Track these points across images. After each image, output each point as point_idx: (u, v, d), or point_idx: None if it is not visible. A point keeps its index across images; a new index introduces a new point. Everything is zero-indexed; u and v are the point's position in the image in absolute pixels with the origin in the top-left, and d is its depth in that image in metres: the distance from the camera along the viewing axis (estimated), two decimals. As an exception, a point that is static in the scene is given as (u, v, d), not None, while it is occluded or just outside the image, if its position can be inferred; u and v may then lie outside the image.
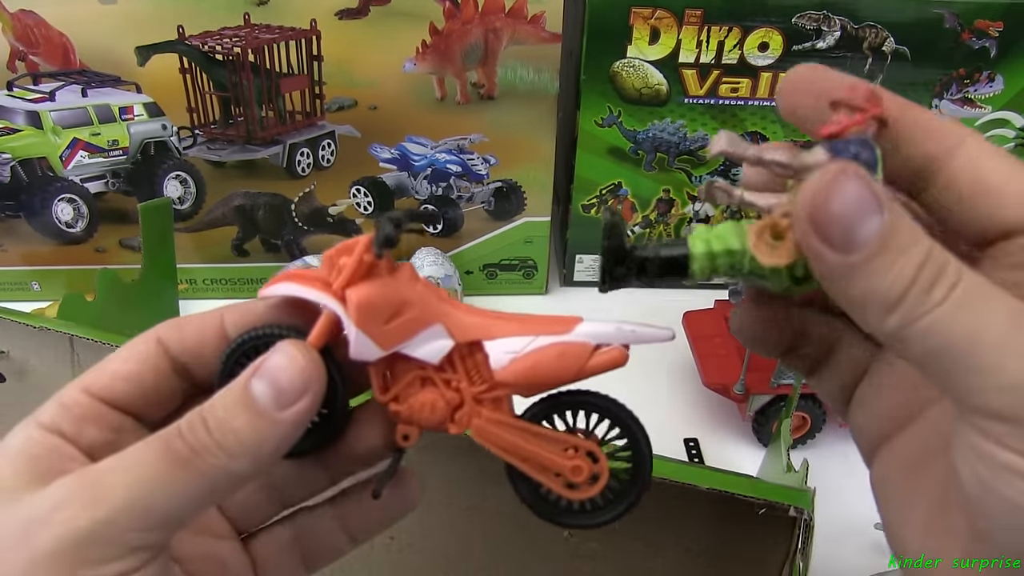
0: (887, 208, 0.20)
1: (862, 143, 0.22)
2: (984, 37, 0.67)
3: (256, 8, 0.67)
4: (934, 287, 0.19)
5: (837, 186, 0.20)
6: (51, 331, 0.45)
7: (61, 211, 0.74)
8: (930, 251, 0.19)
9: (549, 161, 0.75)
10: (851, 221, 0.20)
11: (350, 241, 0.24)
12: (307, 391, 0.23)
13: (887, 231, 0.19)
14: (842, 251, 0.20)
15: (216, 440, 0.22)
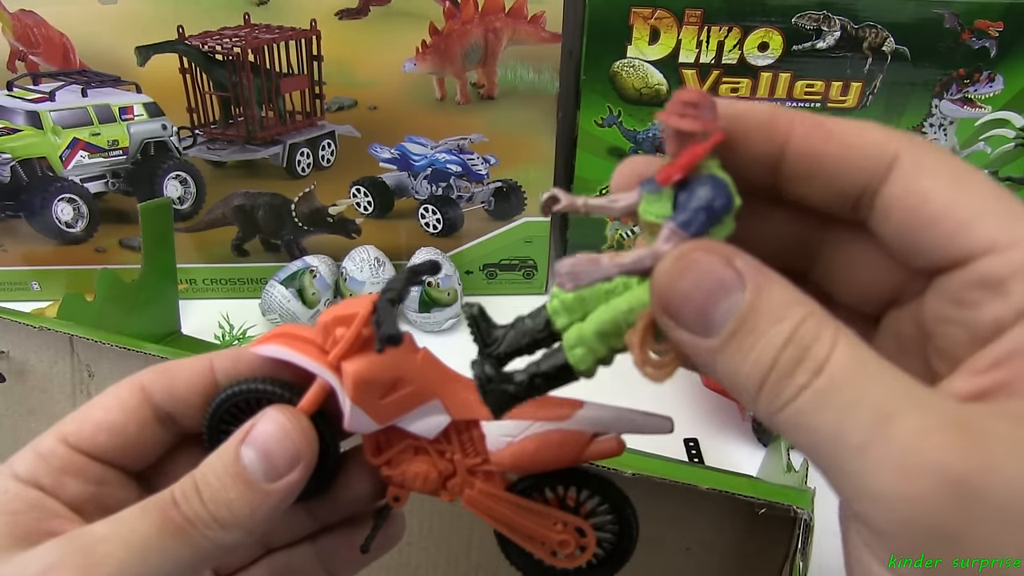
0: (749, 282, 0.18)
1: (712, 187, 0.20)
2: (984, 37, 0.67)
3: (256, 8, 0.67)
4: (795, 372, 0.17)
5: (683, 271, 0.18)
6: (51, 331, 0.45)
7: (61, 211, 0.74)
8: (795, 329, 0.17)
9: (549, 161, 0.75)
10: (704, 304, 0.18)
11: (348, 310, 0.23)
12: (298, 462, 0.22)
13: (745, 311, 0.18)
14: (700, 335, 0.18)
15: (211, 512, 0.22)
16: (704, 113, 0.20)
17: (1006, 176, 0.74)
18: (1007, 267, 0.18)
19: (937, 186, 0.19)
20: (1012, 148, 0.72)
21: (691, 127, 0.19)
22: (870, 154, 0.19)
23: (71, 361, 0.46)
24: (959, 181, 0.19)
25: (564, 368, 0.22)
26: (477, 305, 0.23)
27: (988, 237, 0.18)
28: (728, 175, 0.20)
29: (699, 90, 0.20)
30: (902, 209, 0.19)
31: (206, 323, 0.73)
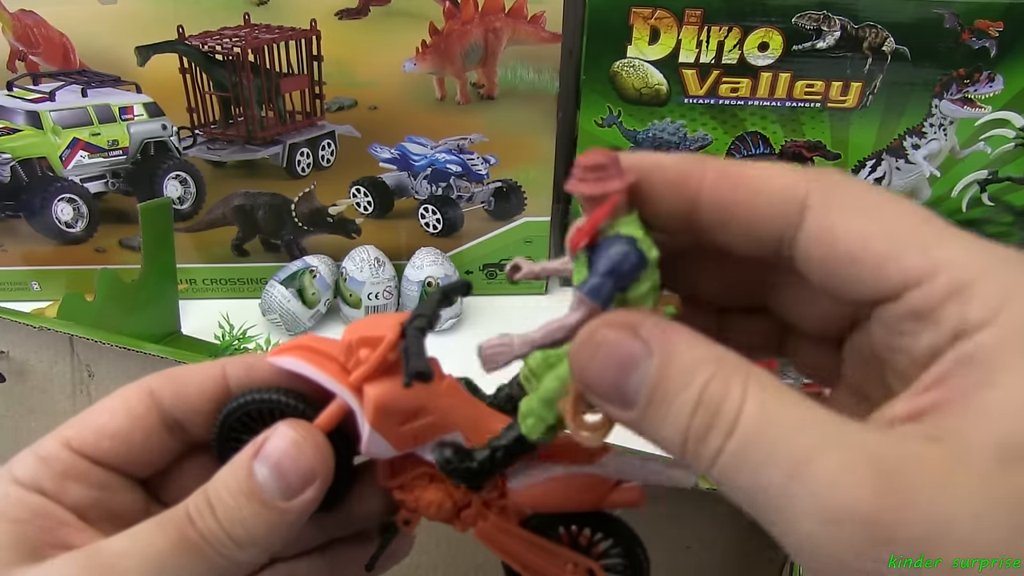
0: (655, 350, 0.18)
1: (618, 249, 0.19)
2: (984, 37, 0.67)
3: (256, 8, 0.67)
4: (708, 437, 0.17)
5: (593, 350, 0.19)
6: (51, 331, 0.45)
7: (61, 211, 0.74)
8: (703, 392, 0.17)
9: (549, 161, 0.75)
10: (617, 381, 0.18)
11: (375, 331, 0.22)
12: (313, 480, 0.22)
13: (655, 380, 0.18)
14: (620, 407, 0.19)
15: (226, 531, 0.21)
16: (608, 174, 0.19)
17: (1006, 176, 0.74)
18: (932, 298, 0.17)
19: (850, 225, 0.18)
20: (1012, 148, 0.72)
21: (591, 191, 0.19)
22: (779, 199, 0.19)
23: (71, 361, 0.46)
24: (871, 216, 0.18)
25: (520, 439, 0.22)
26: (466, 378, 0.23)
27: (908, 270, 0.18)
28: (642, 229, 0.20)
29: (602, 151, 0.20)
30: (820, 252, 0.19)
31: (206, 323, 0.73)
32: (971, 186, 0.74)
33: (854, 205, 0.19)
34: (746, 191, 0.19)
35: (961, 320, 0.17)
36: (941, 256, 0.17)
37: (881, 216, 0.18)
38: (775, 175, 0.19)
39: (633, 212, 0.20)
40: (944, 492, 0.16)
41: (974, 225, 0.76)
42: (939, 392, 0.17)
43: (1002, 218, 0.76)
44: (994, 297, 0.17)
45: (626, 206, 0.20)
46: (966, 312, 0.17)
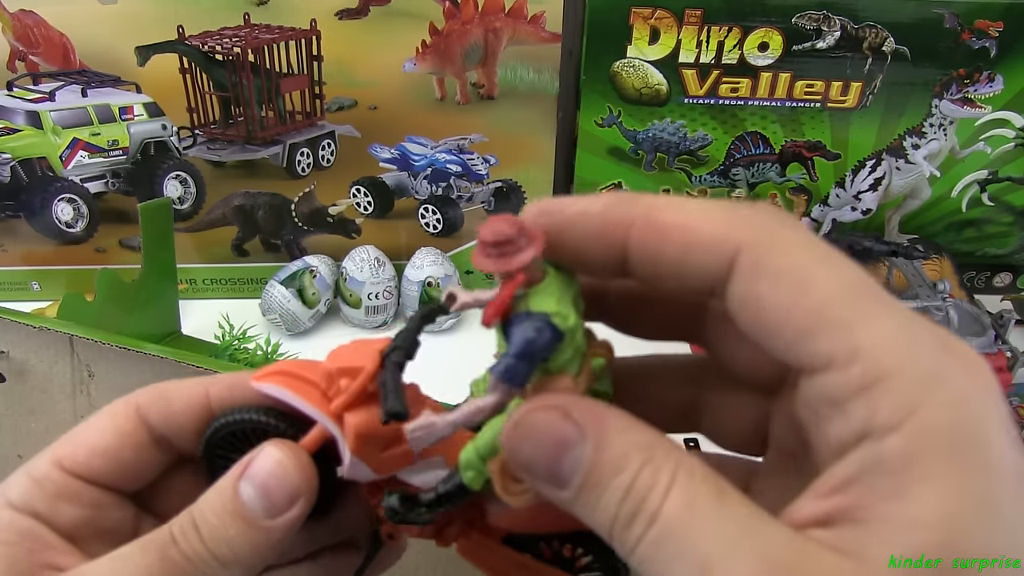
0: (589, 435, 0.18)
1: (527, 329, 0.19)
2: (984, 37, 0.67)
3: (256, 8, 0.67)
4: (633, 524, 0.17)
5: (525, 433, 0.19)
6: (51, 331, 0.45)
7: (61, 211, 0.74)
8: (633, 480, 0.17)
9: (549, 161, 0.75)
10: (548, 464, 0.18)
11: (354, 362, 0.22)
12: (298, 498, 0.22)
13: (589, 465, 0.18)
14: (553, 487, 0.19)
15: (210, 550, 0.21)
16: (514, 247, 0.19)
17: (1006, 176, 0.74)
18: (845, 387, 0.17)
19: (775, 291, 0.17)
20: (1012, 148, 0.72)
21: (496, 269, 0.19)
22: (708, 256, 0.18)
23: (71, 361, 0.46)
24: (799, 283, 0.17)
25: (462, 487, 0.22)
26: None
27: (826, 351, 0.17)
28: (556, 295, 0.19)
29: (506, 220, 0.19)
30: (744, 317, 0.18)
31: (206, 323, 0.73)
32: (971, 186, 0.74)
33: (784, 268, 0.17)
34: (674, 245, 0.19)
35: (869, 419, 0.16)
36: (863, 340, 0.17)
37: (810, 283, 0.17)
38: (705, 226, 0.18)
39: (548, 275, 0.20)
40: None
41: (974, 225, 0.76)
42: (847, 498, 0.16)
43: (1002, 218, 0.76)
44: (908, 397, 0.16)
45: (540, 271, 0.20)
46: (875, 412, 0.16)
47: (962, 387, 0.16)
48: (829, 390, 0.17)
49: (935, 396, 0.16)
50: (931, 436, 0.16)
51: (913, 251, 0.63)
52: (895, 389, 0.16)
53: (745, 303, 0.18)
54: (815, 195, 0.76)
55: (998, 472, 0.16)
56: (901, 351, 0.16)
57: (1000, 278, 0.80)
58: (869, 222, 0.76)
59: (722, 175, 0.75)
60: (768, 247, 0.18)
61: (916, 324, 0.17)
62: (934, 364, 0.16)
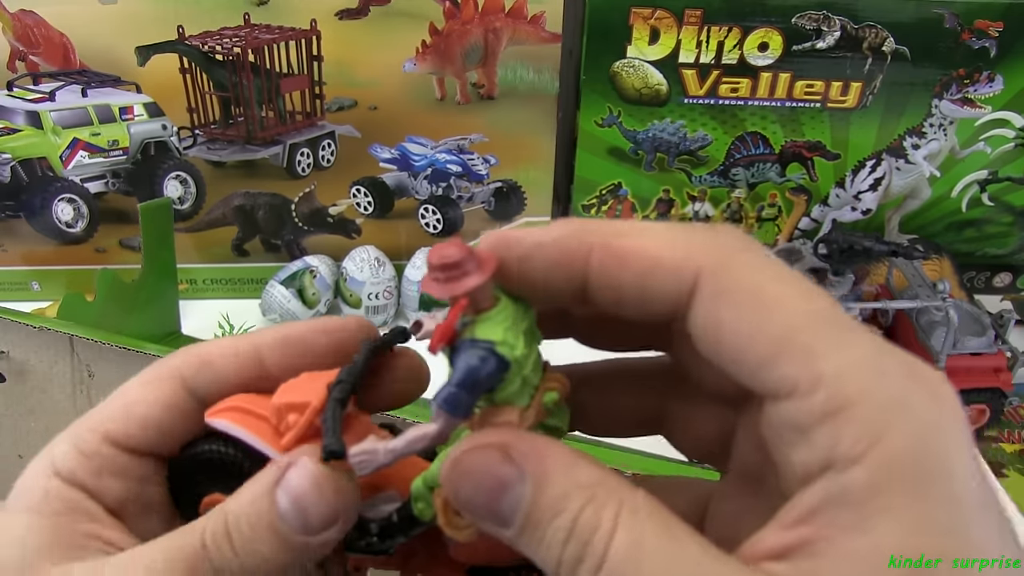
0: (528, 475, 0.18)
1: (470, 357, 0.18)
2: (984, 37, 0.67)
3: (256, 8, 0.67)
4: (579, 568, 0.17)
5: (462, 473, 0.18)
6: (51, 331, 0.45)
7: (61, 211, 0.74)
8: (575, 521, 0.17)
9: (549, 161, 0.75)
10: (487, 504, 0.18)
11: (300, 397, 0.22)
12: (337, 519, 0.20)
13: (528, 507, 0.17)
14: (494, 526, 0.18)
15: (241, 563, 0.20)
16: (462, 271, 0.18)
17: (1006, 176, 0.74)
18: (808, 415, 0.16)
19: (737, 317, 0.17)
20: (1012, 148, 0.72)
21: (442, 295, 0.18)
22: (668, 280, 0.18)
23: (71, 361, 0.46)
24: (763, 307, 0.17)
25: (413, 518, 0.21)
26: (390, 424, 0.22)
27: (789, 378, 0.17)
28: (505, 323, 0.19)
29: (453, 245, 0.18)
30: (705, 344, 0.18)
31: (206, 323, 0.73)
32: (971, 186, 0.74)
33: (745, 293, 0.17)
34: (633, 271, 0.18)
35: (832, 449, 0.16)
36: (826, 368, 0.16)
37: (773, 309, 0.17)
38: (664, 250, 0.18)
39: (500, 300, 0.19)
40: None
41: (974, 225, 0.76)
42: (807, 529, 0.16)
43: (1002, 218, 0.76)
44: (871, 426, 0.16)
45: (491, 299, 0.19)
46: (839, 441, 0.16)
47: (927, 415, 0.16)
48: (793, 416, 0.17)
49: (899, 425, 0.16)
50: (894, 467, 0.16)
51: (913, 251, 0.63)
52: (858, 418, 0.16)
53: (706, 329, 0.18)
54: (815, 195, 0.76)
55: (961, 503, 0.16)
56: (865, 378, 0.16)
57: (1000, 278, 0.80)
58: (869, 222, 0.76)
59: (722, 175, 0.75)
60: (728, 271, 0.18)
61: (881, 351, 0.17)
62: (898, 391, 0.16)
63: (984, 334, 0.63)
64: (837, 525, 0.16)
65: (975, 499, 0.16)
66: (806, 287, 0.17)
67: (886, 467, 0.16)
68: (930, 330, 0.63)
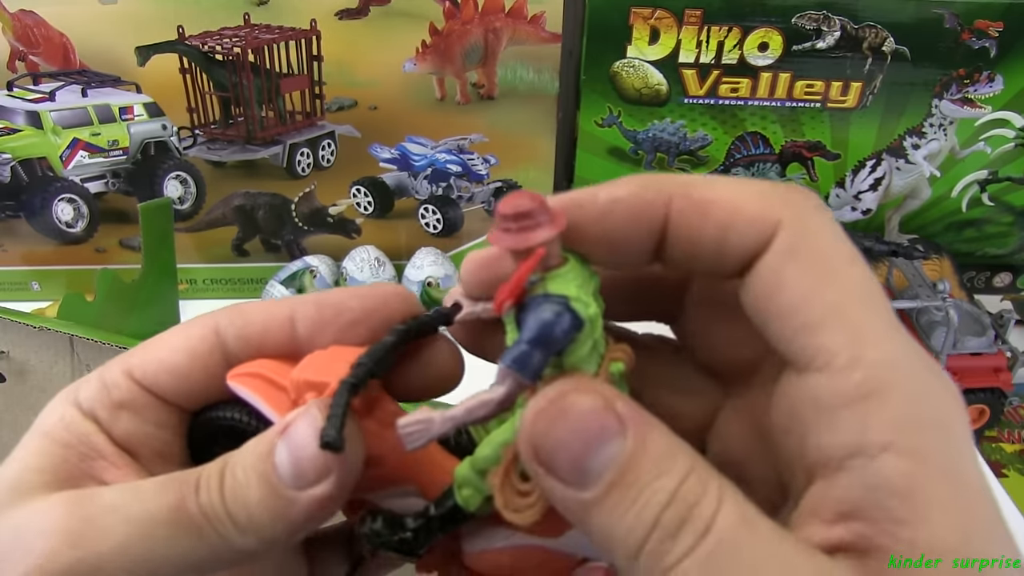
0: (631, 429, 0.16)
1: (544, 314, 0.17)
2: (984, 37, 0.67)
3: (256, 8, 0.67)
4: (680, 533, 0.15)
5: (558, 416, 0.17)
6: (51, 331, 0.45)
7: (61, 211, 0.74)
8: (680, 484, 0.16)
9: (549, 161, 0.75)
10: (581, 453, 0.16)
11: (321, 376, 0.20)
12: (328, 474, 0.19)
13: (626, 462, 0.16)
14: (574, 486, 0.16)
15: (227, 509, 0.19)
16: (534, 221, 0.17)
17: (1006, 176, 0.74)
18: (840, 393, 0.16)
19: (799, 276, 0.17)
20: (1012, 148, 0.72)
21: (514, 245, 0.17)
22: (749, 231, 0.18)
23: (71, 361, 0.46)
24: (826, 275, 0.17)
25: (457, 509, 0.20)
26: None
27: (828, 349, 0.16)
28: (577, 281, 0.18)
29: (526, 194, 0.17)
30: (761, 290, 0.17)
31: (206, 323, 0.73)
32: (971, 186, 0.74)
33: (816, 255, 0.17)
34: (715, 222, 0.18)
35: (861, 434, 0.16)
36: (869, 350, 0.16)
37: (836, 278, 0.17)
38: (746, 202, 0.18)
39: (569, 260, 0.18)
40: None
41: (974, 225, 0.76)
42: (859, 524, 0.16)
43: (1002, 218, 0.76)
44: (902, 415, 0.16)
45: (559, 256, 0.18)
46: (868, 426, 0.16)
47: (948, 410, 0.16)
48: (821, 393, 0.16)
49: (926, 418, 0.16)
50: (927, 458, 0.16)
51: (913, 251, 0.63)
52: (890, 405, 0.16)
53: (768, 283, 0.17)
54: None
55: (982, 493, 0.16)
56: (902, 370, 0.16)
57: (1000, 278, 0.80)
58: (869, 222, 0.76)
59: (722, 175, 0.75)
60: (805, 229, 0.17)
61: (916, 349, 0.17)
62: (925, 386, 0.16)
63: (984, 334, 0.63)
64: (891, 519, 0.15)
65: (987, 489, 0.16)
66: (865, 267, 0.17)
67: (919, 458, 0.16)
68: (930, 330, 0.63)
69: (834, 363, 0.16)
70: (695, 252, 0.18)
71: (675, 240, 0.18)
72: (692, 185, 0.18)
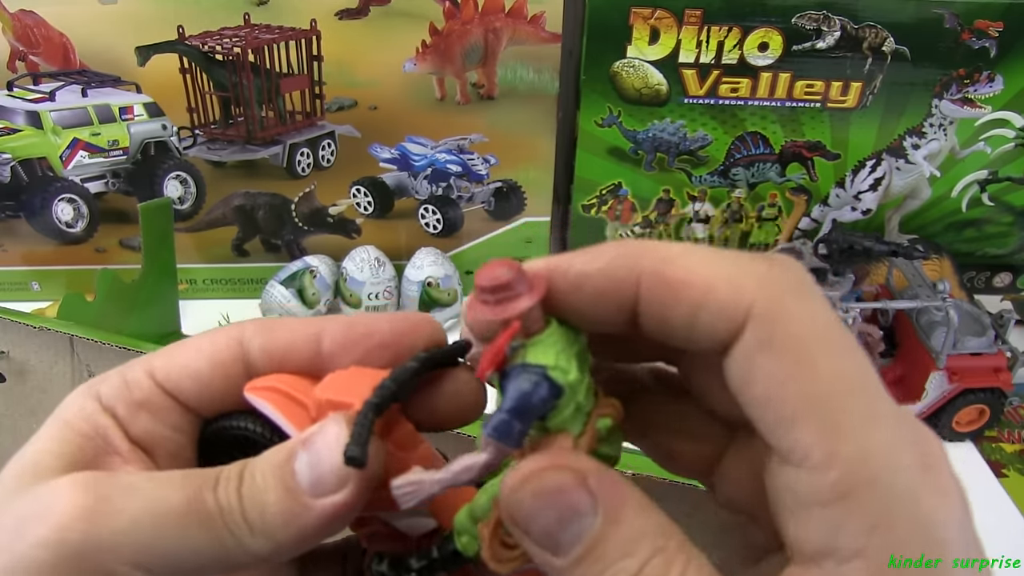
0: (601, 507, 0.17)
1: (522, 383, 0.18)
2: (984, 37, 0.67)
3: (256, 8, 0.67)
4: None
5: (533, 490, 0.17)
6: (51, 331, 0.45)
7: (61, 211, 0.74)
8: (643, 565, 0.17)
9: (549, 161, 0.75)
10: (553, 524, 0.17)
11: (345, 397, 0.20)
12: (346, 483, 0.19)
13: (594, 539, 0.17)
14: (550, 553, 0.17)
15: (243, 508, 0.19)
16: (513, 292, 0.18)
17: (1006, 176, 0.74)
18: (816, 491, 0.16)
19: (772, 368, 0.17)
20: (1012, 148, 0.72)
21: (492, 318, 0.18)
22: (719, 318, 0.17)
23: (71, 361, 0.46)
24: (800, 365, 0.16)
25: (456, 554, 0.20)
26: None
27: (803, 446, 0.16)
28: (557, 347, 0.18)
29: (503, 264, 0.18)
30: (737, 378, 0.17)
31: (206, 323, 0.73)
32: (971, 186, 0.74)
33: (788, 343, 0.17)
34: (685, 308, 0.18)
35: (834, 536, 0.16)
36: (845, 447, 0.16)
37: (811, 370, 0.17)
38: (718, 283, 0.17)
39: (550, 325, 0.19)
40: None
41: (974, 225, 0.76)
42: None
43: (1002, 218, 0.76)
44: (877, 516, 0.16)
45: (541, 321, 0.18)
46: (843, 528, 0.16)
47: (934, 513, 0.16)
48: (799, 488, 0.17)
49: (905, 522, 0.16)
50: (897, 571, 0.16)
51: (913, 251, 0.63)
52: (864, 507, 0.16)
53: (741, 370, 0.17)
54: (815, 195, 0.76)
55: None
56: (881, 467, 0.16)
57: (1000, 278, 0.80)
58: (869, 222, 0.76)
59: (722, 175, 0.75)
60: (778, 316, 0.17)
61: (902, 434, 0.17)
62: (910, 485, 0.16)
63: (984, 334, 0.63)
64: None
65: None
66: (850, 351, 0.17)
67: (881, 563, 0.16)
68: (930, 330, 0.63)
69: (809, 460, 0.16)
70: (667, 331, 0.18)
71: (646, 318, 0.18)
72: (665, 262, 0.18)
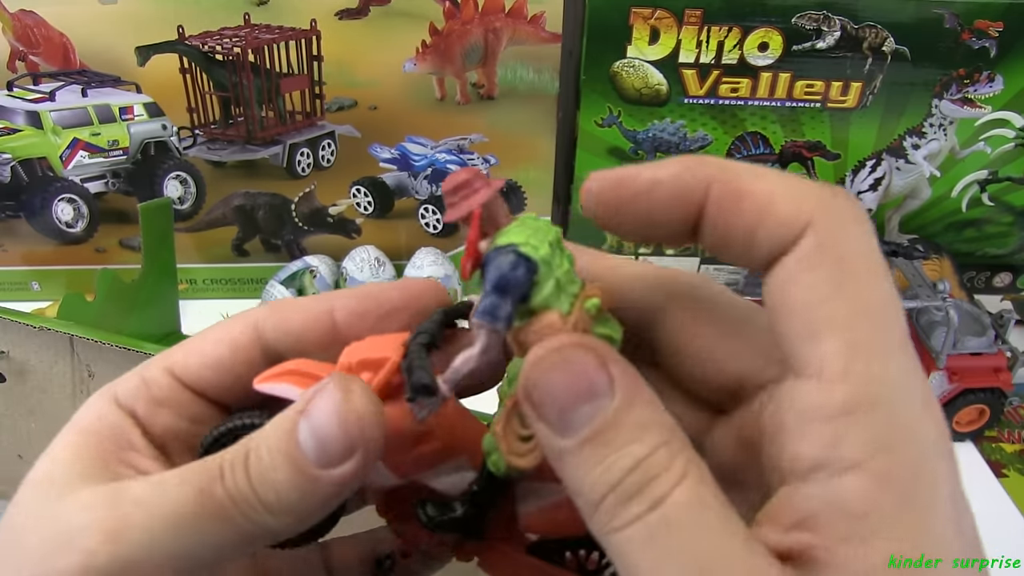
0: (619, 391, 0.17)
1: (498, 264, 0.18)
2: (984, 37, 0.67)
3: (256, 8, 0.67)
4: (633, 500, 0.16)
5: (554, 364, 0.17)
6: (51, 331, 0.45)
7: (61, 211, 0.74)
8: (648, 454, 0.16)
9: (549, 161, 0.75)
10: (567, 402, 0.17)
11: (377, 353, 0.21)
12: (353, 452, 0.19)
13: (605, 422, 0.17)
14: (555, 432, 0.17)
15: (256, 492, 0.19)
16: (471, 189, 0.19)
17: (1006, 176, 0.74)
18: (821, 406, 0.16)
19: (815, 282, 0.17)
20: (1012, 148, 0.72)
21: (457, 215, 0.19)
22: (780, 228, 0.17)
23: (71, 361, 0.46)
24: (842, 284, 0.17)
25: (492, 477, 0.20)
26: None
27: (823, 358, 0.16)
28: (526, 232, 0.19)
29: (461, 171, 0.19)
30: (777, 288, 0.18)
31: (206, 323, 0.72)
32: (971, 186, 0.74)
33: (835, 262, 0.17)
34: (747, 217, 0.18)
35: (831, 448, 0.16)
36: (862, 368, 0.16)
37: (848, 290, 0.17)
38: (780, 199, 0.18)
39: (516, 217, 0.20)
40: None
41: (974, 225, 0.76)
42: (806, 536, 0.16)
43: (1002, 218, 0.76)
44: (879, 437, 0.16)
45: (506, 216, 0.20)
46: (840, 441, 0.16)
47: (931, 442, 0.16)
48: (806, 401, 0.17)
49: (905, 446, 0.16)
50: (892, 483, 0.16)
51: (913, 251, 0.63)
52: (870, 423, 0.16)
53: (783, 281, 0.17)
54: (815, 195, 0.76)
55: (943, 538, 0.16)
56: (892, 387, 0.16)
57: (1000, 278, 0.80)
58: (869, 222, 0.76)
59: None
60: (832, 236, 0.17)
61: (914, 371, 0.17)
62: (913, 409, 0.16)
63: (984, 334, 0.63)
64: (836, 536, 0.16)
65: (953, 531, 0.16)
66: (888, 279, 0.17)
67: (887, 481, 0.16)
68: (930, 330, 0.63)
69: (825, 372, 0.16)
70: (727, 241, 0.19)
71: (709, 226, 0.19)
72: (733, 173, 0.18)
